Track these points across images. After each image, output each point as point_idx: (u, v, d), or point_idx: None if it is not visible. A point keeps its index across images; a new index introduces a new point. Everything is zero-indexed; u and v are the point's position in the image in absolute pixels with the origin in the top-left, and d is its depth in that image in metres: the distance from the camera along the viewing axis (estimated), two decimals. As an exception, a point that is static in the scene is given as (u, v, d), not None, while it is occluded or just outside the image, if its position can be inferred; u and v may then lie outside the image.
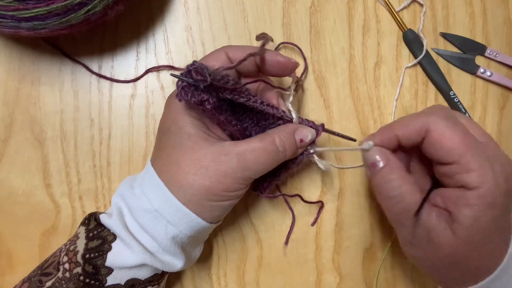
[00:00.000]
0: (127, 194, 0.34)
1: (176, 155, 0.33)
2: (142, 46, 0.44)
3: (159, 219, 0.33)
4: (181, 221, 0.33)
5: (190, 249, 0.36)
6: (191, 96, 0.31)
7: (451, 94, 0.43)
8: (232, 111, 0.35)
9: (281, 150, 0.34)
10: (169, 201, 0.32)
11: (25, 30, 0.34)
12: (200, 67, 0.31)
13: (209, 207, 0.33)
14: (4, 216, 0.43)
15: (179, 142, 0.33)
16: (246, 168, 0.32)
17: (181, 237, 0.33)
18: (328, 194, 0.44)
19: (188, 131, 0.33)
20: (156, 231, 0.33)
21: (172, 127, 0.34)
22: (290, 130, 0.35)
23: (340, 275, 0.44)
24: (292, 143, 0.35)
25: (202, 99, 0.31)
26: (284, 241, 0.44)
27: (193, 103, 0.31)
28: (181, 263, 0.34)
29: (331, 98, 0.44)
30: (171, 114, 0.34)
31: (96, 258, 0.32)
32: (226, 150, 0.32)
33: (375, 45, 0.44)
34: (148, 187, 0.34)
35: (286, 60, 0.35)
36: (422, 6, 0.44)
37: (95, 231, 0.34)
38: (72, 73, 0.43)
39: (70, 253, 0.33)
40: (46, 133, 0.43)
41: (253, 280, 0.44)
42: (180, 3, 0.44)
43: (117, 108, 0.43)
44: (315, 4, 0.44)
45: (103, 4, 0.34)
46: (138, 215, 0.33)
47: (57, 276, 0.33)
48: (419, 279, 0.44)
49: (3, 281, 0.43)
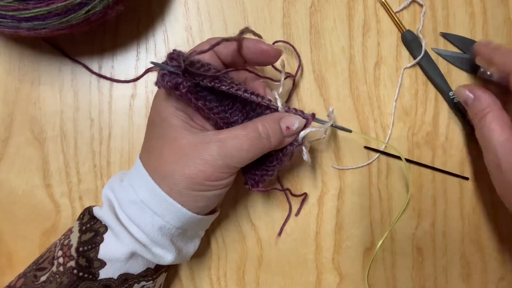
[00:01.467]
0: (116, 187, 0.34)
1: (159, 145, 0.33)
2: (142, 46, 0.44)
3: (145, 209, 0.33)
4: (167, 211, 0.33)
5: (181, 243, 0.36)
6: (167, 81, 0.31)
7: (450, 95, 0.43)
8: (220, 104, 0.35)
9: (264, 137, 0.33)
10: (154, 191, 0.32)
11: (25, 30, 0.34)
12: (176, 53, 0.32)
13: (192, 197, 0.33)
14: (4, 216, 0.43)
15: (162, 133, 0.33)
16: (227, 155, 0.32)
17: (168, 228, 0.33)
18: (328, 194, 0.44)
19: (171, 121, 0.33)
20: (143, 222, 0.33)
21: (156, 119, 0.34)
22: (275, 117, 0.34)
23: (340, 275, 0.44)
24: (277, 130, 0.34)
25: (177, 82, 0.31)
26: (278, 232, 0.43)
27: (169, 87, 0.31)
28: (171, 255, 0.34)
29: (331, 98, 0.44)
30: (156, 106, 0.34)
31: (89, 251, 0.32)
32: (207, 138, 0.32)
33: (375, 45, 0.44)
34: (134, 178, 0.34)
35: (268, 47, 0.35)
36: (422, 7, 0.44)
37: (88, 224, 0.34)
38: (72, 73, 0.43)
39: (64, 247, 0.33)
40: (46, 133, 0.43)
41: (253, 280, 0.44)
42: (180, 3, 0.44)
43: (117, 108, 0.43)
44: (315, 4, 0.44)
45: (103, 4, 0.34)
46: (125, 206, 0.33)
47: (51, 271, 0.33)
48: (419, 279, 0.44)
49: (3, 281, 0.43)
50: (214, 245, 0.44)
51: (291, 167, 0.44)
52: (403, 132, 0.44)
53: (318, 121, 0.36)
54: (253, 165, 0.36)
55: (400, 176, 0.44)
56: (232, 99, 0.35)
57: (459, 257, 0.44)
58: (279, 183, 0.44)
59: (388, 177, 0.44)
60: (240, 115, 0.36)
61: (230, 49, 0.34)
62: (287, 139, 0.35)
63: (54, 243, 0.35)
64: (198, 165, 0.32)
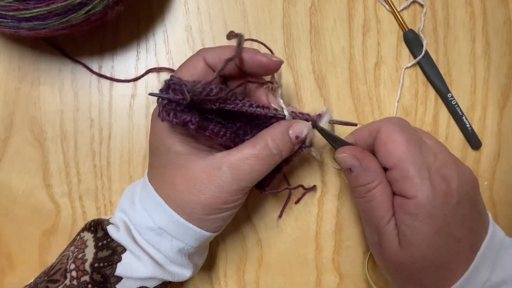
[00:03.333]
0: (129, 211, 0.34)
1: (169, 174, 0.33)
2: (142, 46, 0.44)
3: (163, 235, 0.33)
4: (186, 235, 0.33)
5: (197, 258, 0.37)
6: (173, 117, 0.29)
7: (449, 96, 0.43)
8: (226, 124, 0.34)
9: (276, 153, 0.32)
10: (171, 218, 0.32)
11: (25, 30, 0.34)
12: (178, 84, 0.29)
13: (210, 220, 0.33)
14: (4, 216, 0.43)
15: (170, 161, 0.33)
16: (241, 179, 0.31)
17: (187, 248, 0.33)
18: (328, 194, 0.44)
19: (176, 149, 0.32)
20: (162, 246, 0.33)
21: (160, 147, 0.33)
22: (283, 129, 0.33)
23: (340, 275, 0.44)
24: (287, 142, 0.33)
25: (185, 120, 0.30)
26: (278, 215, 0.43)
27: (175, 124, 0.30)
28: (189, 272, 0.34)
29: (331, 98, 0.44)
30: (157, 133, 0.33)
31: (105, 268, 0.32)
32: (218, 163, 0.31)
33: (375, 45, 0.44)
34: (148, 204, 0.34)
35: (268, 60, 0.33)
36: (423, 7, 0.44)
37: (104, 241, 0.34)
38: (72, 73, 0.43)
39: (77, 261, 0.33)
40: (46, 133, 0.43)
41: (253, 280, 0.44)
42: (180, 3, 0.44)
43: (117, 108, 0.43)
44: (315, 4, 0.44)
45: (103, 4, 0.34)
46: (143, 232, 0.33)
47: (65, 284, 0.32)
48: (419, 279, 0.44)
49: (3, 281, 0.43)
50: (214, 245, 0.44)
51: (291, 167, 0.44)
52: (403, 132, 0.44)
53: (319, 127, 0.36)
54: None
55: (400, 176, 0.44)
56: (237, 115, 0.34)
57: (459, 257, 0.44)
58: (286, 181, 0.44)
59: (388, 177, 0.44)
60: (243, 119, 0.35)
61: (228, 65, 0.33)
62: (296, 147, 0.34)
63: (65, 254, 0.35)
64: (214, 193, 0.31)
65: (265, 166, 0.32)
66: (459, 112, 0.44)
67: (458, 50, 0.44)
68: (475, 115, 0.44)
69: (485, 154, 0.44)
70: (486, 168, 0.44)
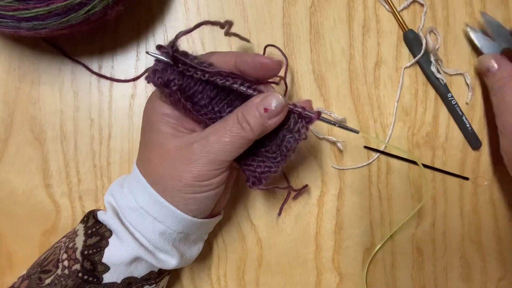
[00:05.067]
0: (116, 193, 0.35)
1: (148, 151, 0.34)
2: (142, 46, 0.44)
3: (145, 216, 0.33)
4: (167, 216, 0.33)
5: (184, 247, 0.36)
6: (158, 77, 0.31)
7: (449, 97, 0.43)
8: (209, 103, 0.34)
9: (244, 125, 0.31)
10: (152, 197, 0.32)
11: (25, 30, 0.34)
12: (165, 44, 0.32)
13: (184, 199, 0.32)
14: (4, 216, 0.43)
15: (150, 139, 0.33)
16: (210, 150, 0.31)
17: (169, 233, 0.33)
18: (328, 194, 0.44)
19: (158, 128, 0.33)
20: (144, 228, 0.33)
21: (146, 126, 0.34)
22: (253, 102, 0.32)
23: (340, 275, 0.44)
24: (255, 115, 0.31)
25: (168, 79, 0.31)
26: (278, 212, 0.43)
27: (159, 83, 0.31)
28: (175, 260, 0.34)
29: (331, 98, 0.44)
30: (145, 112, 0.35)
31: (94, 254, 0.33)
32: (191, 140, 0.32)
33: (375, 45, 0.44)
34: (133, 185, 0.34)
35: (268, 61, 0.33)
36: (423, 6, 0.44)
37: (93, 228, 0.34)
38: (72, 73, 0.43)
39: (69, 250, 0.33)
40: (46, 133, 0.43)
41: (253, 280, 0.44)
42: (180, 3, 0.44)
43: (117, 108, 0.43)
44: (315, 4, 0.44)
45: (103, 4, 0.34)
46: (126, 213, 0.33)
47: (56, 273, 0.33)
48: (419, 279, 0.44)
49: (3, 281, 0.43)
50: (214, 245, 0.44)
51: (291, 168, 0.44)
52: (403, 132, 0.44)
53: (324, 120, 0.35)
54: (255, 160, 0.35)
55: (400, 176, 0.44)
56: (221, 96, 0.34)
57: (459, 257, 0.44)
58: (286, 179, 0.44)
59: (388, 177, 0.44)
60: (228, 110, 0.35)
61: (229, 64, 0.33)
62: (271, 122, 0.32)
63: (58, 245, 0.35)
64: (185, 166, 0.31)
65: (234, 138, 0.31)
66: (459, 112, 0.44)
67: (458, 50, 0.44)
68: (475, 115, 0.44)
69: (485, 154, 0.44)
70: (486, 168, 0.44)
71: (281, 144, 0.34)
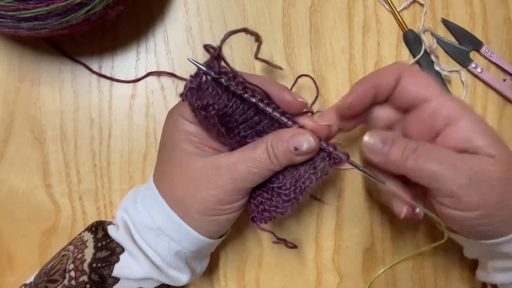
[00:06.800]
0: (130, 209, 0.34)
1: (170, 171, 0.33)
2: (142, 46, 0.44)
3: (161, 236, 0.33)
4: (183, 237, 0.33)
5: (195, 264, 0.36)
6: (196, 100, 0.29)
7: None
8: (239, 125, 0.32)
9: (272, 159, 0.31)
10: (170, 217, 0.32)
11: (25, 30, 0.34)
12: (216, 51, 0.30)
13: (205, 222, 0.32)
14: (4, 216, 0.43)
15: (173, 158, 0.33)
16: (237, 179, 0.31)
17: (184, 252, 0.33)
18: (328, 194, 0.44)
19: (182, 146, 0.32)
20: (160, 247, 0.33)
21: (168, 143, 0.33)
22: (283, 136, 0.31)
23: (340, 275, 0.44)
24: (285, 150, 0.31)
25: (208, 103, 0.29)
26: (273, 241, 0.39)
27: (197, 106, 0.29)
28: (187, 277, 0.34)
29: (331, 98, 0.44)
30: (167, 129, 0.34)
31: (102, 268, 0.32)
32: (217, 163, 0.31)
33: (375, 45, 0.44)
34: (149, 203, 0.34)
35: (292, 99, 0.32)
36: (423, 6, 0.44)
37: (103, 242, 0.34)
38: (72, 73, 0.43)
39: (76, 261, 0.33)
40: (46, 133, 0.43)
41: (253, 280, 0.44)
42: (180, 3, 0.44)
43: (117, 108, 0.43)
44: (315, 4, 0.44)
45: (103, 4, 0.34)
46: (142, 231, 0.33)
47: (63, 284, 0.33)
48: (419, 279, 0.44)
49: (3, 281, 0.43)
50: (214, 245, 0.44)
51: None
52: (403, 132, 0.44)
53: (352, 163, 0.33)
54: (262, 196, 0.33)
55: (400, 176, 0.44)
56: (252, 121, 0.32)
57: (459, 257, 0.44)
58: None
59: (388, 177, 0.44)
60: (256, 136, 0.33)
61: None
62: (299, 159, 0.32)
63: (65, 253, 0.35)
64: (209, 190, 0.31)
65: (262, 170, 0.31)
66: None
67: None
68: (475, 115, 0.44)
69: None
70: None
71: (299, 180, 0.32)
